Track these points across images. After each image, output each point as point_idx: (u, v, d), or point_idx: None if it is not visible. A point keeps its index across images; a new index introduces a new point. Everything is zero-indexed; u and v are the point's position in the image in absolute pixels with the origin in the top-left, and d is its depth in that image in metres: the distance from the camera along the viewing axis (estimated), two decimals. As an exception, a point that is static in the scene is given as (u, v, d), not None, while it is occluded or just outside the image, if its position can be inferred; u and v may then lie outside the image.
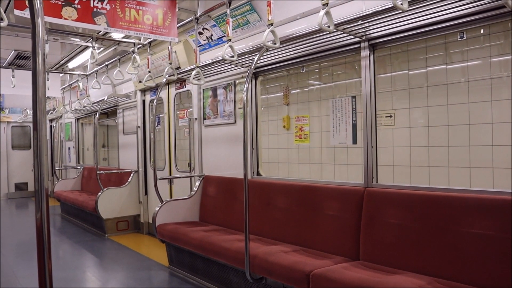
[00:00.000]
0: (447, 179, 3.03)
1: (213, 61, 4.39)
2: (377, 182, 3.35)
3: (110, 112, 8.67)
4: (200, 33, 4.90)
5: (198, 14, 4.54)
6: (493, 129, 2.79)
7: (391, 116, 3.34)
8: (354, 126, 3.63)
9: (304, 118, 4.14)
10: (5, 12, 3.39)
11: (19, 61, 7.89)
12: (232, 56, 3.75)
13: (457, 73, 3.00)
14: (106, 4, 3.80)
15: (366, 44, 3.38)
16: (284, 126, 4.37)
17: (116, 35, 5.38)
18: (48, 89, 7.19)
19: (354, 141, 3.62)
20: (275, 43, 3.28)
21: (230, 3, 3.74)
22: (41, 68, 1.31)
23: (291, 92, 4.32)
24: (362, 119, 3.50)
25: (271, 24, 3.18)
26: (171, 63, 4.78)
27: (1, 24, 3.21)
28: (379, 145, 3.41)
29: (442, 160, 3.06)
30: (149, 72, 5.17)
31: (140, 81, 6.37)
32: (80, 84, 7.64)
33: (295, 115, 4.29)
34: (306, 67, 4.16)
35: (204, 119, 5.37)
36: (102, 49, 6.77)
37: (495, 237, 2.50)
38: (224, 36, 4.63)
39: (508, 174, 2.69)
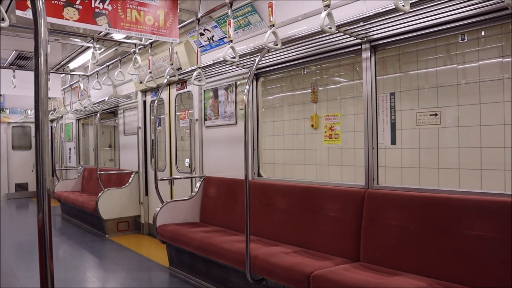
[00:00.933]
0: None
1: (214, 62, 4.39)
2: (377, 183, 3.35)
3: (117, 111, 8.61)
4: (202, 34, 4.91)
5: (200, 15, 4.55)
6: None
7: (436, 115, 3.13)
8: (393, 126, 3.37)
9: (335, 117, 3.89)
10: (6, 12, 3.39)
11: (20, 61, 7.89)
12: (234, 57, 3.75)
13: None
14: (108, 5, 3.80)
15: (367, 45, 3.38)
16: (312, 126, 4.04)
17: (117, 35, 5.38)
18: (49, 89, 7.18)
19: (393, 142, 3.36)
20: (276, 44, 3.28)
21: (231, 4, 3.74)
22: (43, 68, 1.32)
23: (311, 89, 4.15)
24: (403, 117, 3.29)
25: (273, 25, 3.18)
26: (172, 64, 4.78)
27: (3, 24, 3.21)
28: (424, 146, 3.23)
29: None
30: (150, 73, 5.17)
31: (141, 82, 6.37)
32: (81, 85, 7.65)
33: (323, 113, 4.02)
34: (334, 62, 3.90)
35: (205, 120, 5.37)
36: (103, 49, 6.77)
37: (495, 239, 2.50)
38: (225, 37, 4.63)
39: None
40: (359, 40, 3.39)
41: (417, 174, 3.24)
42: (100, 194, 6.78)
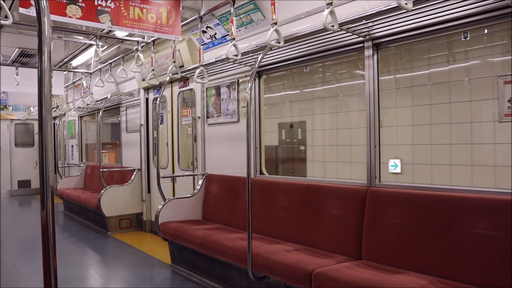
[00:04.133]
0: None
1: (216, 59, 4.39)
2: (380, 181, 3.35)
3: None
4: (204, 32, 4.91)
5: (202, 12, 4.55)
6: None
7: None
8: None
9: None
10: (9, 9, 3.40)
11: (23, 58, 7.92)
12: (236, 55, 3.75)
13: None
14: (110, 3, 3.81)
15: (370, 43, 3.38)
16: None
17: (120, 33, 5.39)
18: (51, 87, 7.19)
19: None
20: (279, 42, 3.28)
21: (234, 2, 3.74)
22: (47, 66, 1.32)
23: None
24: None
25: (275, 23, 3.18)
26: (174, 62, 4.78)
27: (6, 22, 3.22)
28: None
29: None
30: (153, 70, 5.18)
31: (143, 79, 6.38)
32: (84, 82, 7.66)
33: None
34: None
35: (207, 117, 5.37)
36: (106, 47, 6.78)
37: (497, 237, 2.50)
38: (228, 34, 4.63)
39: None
40: (361, 38, 3.38)
41: None
42: (102, 191, 6.80)
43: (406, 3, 2.52)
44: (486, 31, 2.86)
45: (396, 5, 2.57)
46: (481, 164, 2.99)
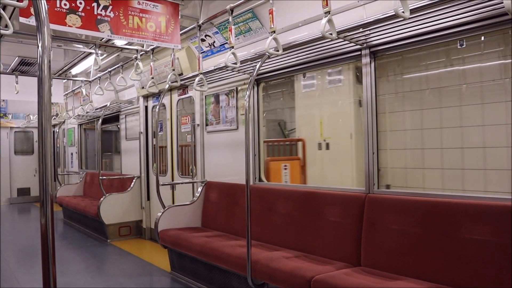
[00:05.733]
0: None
1: (215, 67, 4.42)
2: (378, 188, 3.36)
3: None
4: (203, 40, 4.94)
5: (201, 21, 4.58)
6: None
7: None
8: None
9: None
10: (10, 19, 3.42)
11: (23, 67, 7.95)
12: (235, 63, 3.78)
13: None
14: (110, 12, 3.84)
15: (367, 51, 3.40)
16: None
17: (119, 42, 5.42)
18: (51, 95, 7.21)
19: None
20: (277, 50, 3.30)
21: (232, 11, 3.77)
22: (47, 75, 1.34)
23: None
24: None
25: (274, 32, 3.21)
26: (174, 70, 4.80)
27: (7, 32, 3.24)
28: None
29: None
30: (152, 78, 5.20)
31: (143, 87, 6.41)
32: (83, 90, 7.68)
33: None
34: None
35: (207, 125, 5.39)
36: (105, 55, 6.81)
37: (495, 243, 2.51)
38: (226, 43, 4.67)
39: None
40: (358, 46, 3.41)
41: None
42: (102, 199, 6.79)
43: (403, 12, 2.54)
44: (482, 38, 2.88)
45: (393, 13, 2.59)
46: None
